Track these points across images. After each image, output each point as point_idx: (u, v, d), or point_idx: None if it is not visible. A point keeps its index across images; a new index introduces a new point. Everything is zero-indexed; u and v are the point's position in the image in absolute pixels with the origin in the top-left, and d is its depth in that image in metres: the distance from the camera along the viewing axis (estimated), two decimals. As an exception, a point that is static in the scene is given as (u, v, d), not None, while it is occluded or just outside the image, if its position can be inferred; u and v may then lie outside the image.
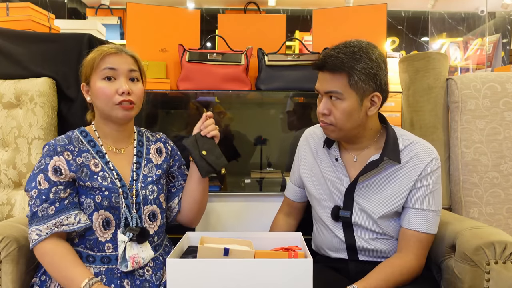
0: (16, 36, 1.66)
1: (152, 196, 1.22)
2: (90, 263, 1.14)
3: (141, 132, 1.32)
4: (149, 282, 1.16)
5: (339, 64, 1.12)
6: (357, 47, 1.15)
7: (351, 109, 1.14)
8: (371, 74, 1.13)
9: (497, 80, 1.55)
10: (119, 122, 1.21)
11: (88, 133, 1.23)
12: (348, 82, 1.13)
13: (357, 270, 1.26)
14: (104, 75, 1.16)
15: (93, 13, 3.93)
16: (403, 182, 1.19)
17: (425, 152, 1.20)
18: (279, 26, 1.95)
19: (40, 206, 1.11)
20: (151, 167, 1.26)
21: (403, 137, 1.23)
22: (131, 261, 1.12)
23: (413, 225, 1.18)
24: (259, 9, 2.66)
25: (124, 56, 1.19)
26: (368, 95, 1.15)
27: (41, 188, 1.12)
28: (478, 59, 4.17)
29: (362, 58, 1.13)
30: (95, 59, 1.17)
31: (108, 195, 1.14)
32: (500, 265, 1.09)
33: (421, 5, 5.13)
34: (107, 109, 1.17)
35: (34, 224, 1.11)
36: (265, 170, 1.97)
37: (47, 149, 1.16)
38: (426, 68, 1.62)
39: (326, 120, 1.18)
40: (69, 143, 1.17)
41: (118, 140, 1.24)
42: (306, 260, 1.00)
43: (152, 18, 1.86)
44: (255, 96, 2.00)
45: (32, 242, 1.10)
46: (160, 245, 1.26)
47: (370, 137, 1.24)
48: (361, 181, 1.23)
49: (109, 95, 1.15)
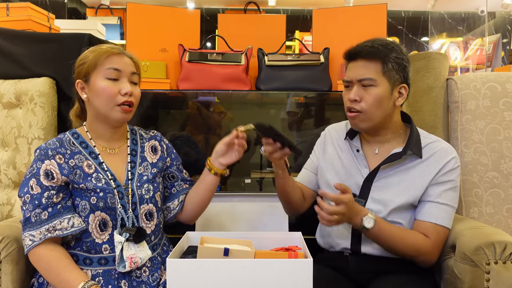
0: (16, 36, 1.66)
1: (148, 195, 1.21)
2: (87, 265, 1.14)
3: (134, 130, 1.31)
4: (146, 284, 1.16)
5: (375, 51, 1.19)
6: (389, 41, 1.23)
7: (382, 96, 1.19)
8: (402, 65, 1.20)
9: (497, 80, 1.55)
10: (115, 124, 1.21)
11: (80, 135, 1.21)
12: (382, 69, 1.19)
13: (357, 269, 1.26)
14: (109, 75, 1.15)
15: (93, 13, 3.93)
16: (422, 176, 1.23)
17: (447, 151, 1.25)
18: (279, 26, 1.95)
19: (33, 212, 1.10)
20: (146, 166, 1.25)
21: (425, 136, 1.28)
22: (128, 261, 1.12)
23: (432, 218, 1.21)
24: (259, 9, 2.66)
25: (126, 58, 1.19)
26: (397, 85, 1.21)
27: (33, 193, 1.11)
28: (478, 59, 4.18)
29: (395, 49, 1.20)
30: (100, 58, 1.16)
31: (103, 196, 1.14)
32: (500, 265, 1.09)
33: (421, 5, 5.13)
34: (106, 109, 1.16)
35: (27, 230, 1.10)
36: (265, 170, 1.97)
37: (39, 153, 1.15)
38: (426, 68, 1.62)
39: (356, 106, 1.21)
40: (60, 146, 1.16)
41: (112, 140, 1.23)
42: (306, 260, 1.00)
43: (152, 18, 1.86)
44: (255, 96, 2.00)
45: (26, 247, 1.10)
46: (158, 244, 1.25)
47: (393, 130, 1.28)
48: (381, 171, 1.26)
49: (112, 95, 1.15)
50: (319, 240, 1.41)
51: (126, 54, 1.20)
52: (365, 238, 1.26)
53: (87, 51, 1.19)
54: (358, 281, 1.26)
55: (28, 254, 1.11)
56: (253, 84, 1.82)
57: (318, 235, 1.42)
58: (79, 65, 1.19)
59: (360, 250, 1.27)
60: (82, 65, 1.18)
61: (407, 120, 1.32)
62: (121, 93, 1.15)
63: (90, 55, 1.17)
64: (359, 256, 1.27)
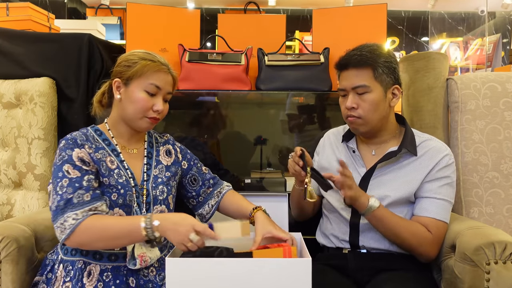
0: (16, 36, 1.66)
1: (162, 197, 1.23)
2: (97, 260, 1.15)
3: (151, 133, 1.34)
4: (152, 283, 1.18)
5: (364, 59, 1.23)
6: (375, 46, 1.27)
7: (378, 100, 1.24)
8: (391, 67, 1.25)
9: (497, 80, 1.55)
10: (138, 130, 1.24)
11: (102, 132, 1.23)
12: (373, 75, 1.23)
13: (357, 267, 1.28)
14: (149, 89, 1.18)
15: (93, 13, 3.92)
16: (417, 172, 1.26)
17: (440, 148, 1.29)
18: (279, 26, 1.95)
19: (76, 193, 1.08)
20: (161, 168, 1.27)
21: (419, 135, 1.33)
22: (139, 259, 1.13)
23: (430, 213, 1.23)
24: (259, 9, 2.66)
25: (169, 77, 1.22)
26: (390, 87, 1.26)
27: (72, 177, 1.09)
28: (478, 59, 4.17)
29: (383, 54, 1.25)
30: (148, 70, 1.17)
31: (123, 193, 1.16)
32: (500, 265, 1.09)
33: (421, 5, 5.13)
34: (135, 117, 1.19)
35: (69, 211, 1.06)
36: (265, 170, 1.97)
37: (66, 143, 1.14)
38: (426, 68, 1.62)
39: (354, 113, 1.25)
40: (86, 140, 1.18)
41: (131, 141, 1.26)
42: (305, 260, 1.00)
43: (152, 18, 1.86)
44: (255, 96, 2.00)
45: (69, 228, 1.05)
46: (166, 246, 1.27)
47: (390, 131, 1.32)
48: (378, 169, 1.29)
49: (145, 108, 1.18)
50: (319, 238, 1.42)
51: (171, 72, 1.23)
52: (363, 232, 1.28)
53: (135, 55, 1.20)
54: (357, 278, 1.27)
55: (71, 235, 1.05)
56: (253, 84, 1.82)
57: (318, 234, 1.43)
58: (123, 65, 1.20)
59: (358, 243, 1.29)
60: (127, 67, 1.19)
61: (401, 122, 1.36)
62: (153, 109, 1.19)
63: (139, 62, 1.18)
64: (358, 254, 1.29)
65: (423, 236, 1.21)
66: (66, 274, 1.13)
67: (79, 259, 1.14)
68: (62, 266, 1.15)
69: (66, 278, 1.12)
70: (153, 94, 1.18)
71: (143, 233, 1.05)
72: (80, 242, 1.08)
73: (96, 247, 1.12)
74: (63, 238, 1.06)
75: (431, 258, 1.25)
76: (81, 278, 1.11)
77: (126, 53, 1.25)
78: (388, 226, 1.22)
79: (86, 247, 1.12)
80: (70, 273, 1.13)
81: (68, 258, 1.16)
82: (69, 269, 1.13)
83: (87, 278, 1.12)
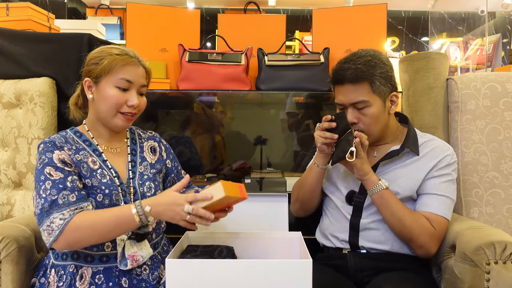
0: (16, 36, 1.66)
1: (150, 193, 1.21)
2: (89, 263, 1.14)
3: (133, 130, 1.32)
4: (146, 282, 1.16)
5: (359, 74, 1.20)
6: (369, 55, 1.24)
7: (378, 112, 1.23)
8: (388, 77, 1.23)
9: (497, 80, 1.55)
10: (114, 129, 1.21)
11: (82, 133, 1.21)
12: (371, 89, 1.21)
13: (356, 267, 1.28)
14: (119, 84, 1.15)
15: (93, 13, 3.92)
16: (419, 170, 1.27)
17: (443, 147, 1.30)
18: (279, 26, 1.95)
19: (60, 194, 1.06)
20: (146, 165, 1.26)
21: (422, 135, 1.34)
22: (130, 259, 1.12)
23: (431, 208, 1.23)
24: (259, 9, 2.66)
25: (140, 69, 1.19)
26: (388, 96, 1.25)
27: (55, 178, 1.08)
28: (478, 59, 4.17)
29: (378, 64, 1.22)
30: (115, 65, 1.14)
31: (109, 193, 1.14)
32: (500, 265, 1.09)
33: (421, 5, 5.12)
34: (109, 115, 1.16)
35: (54, 212, 1.04)
36: (265, 170, 1.97)
37: (44, 146, 1.13)
38: (426, 68, 1.61)
39: (355, 127, 1.24)
40: (65, 142, 1.16)
41: (112, 140, 1.24)
42: (306, 260, 1.00)
43: (152, 18, 1.86)
44: (255, 96, 2.00)
45: (58, 228, 1.02)
46: (159, 243, 1.26)
47: (391, 134, 1.33)
48: (380, 168, 1.29)
49: (118, 104, 1.15)
50: (319, 238, 1.42)
51: (141, 64, 1.19)
52: (362, 232, 1.28)
53: (102, 51, 1.17)
54: (357, 279, 1.27)
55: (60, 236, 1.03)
56: (253, 84, 1.82)
57: (318, 233, 1.43)
58: (91, 63, 1.17)
59: (358, 243, 1.29)
60: (95, 65, 1.16)
61: (404, 121, 1.36)
62: (127, 104, 1.16)
63: (106, 58, 1.15)
64: (357, 254, 1.29)
65: (425, 226, 1.21)
66: (58, 279, 1.12)
67: (71, 263, 1.13)
68: (54, 271, 1.14)
69: (59, 283, 1.11)
70: (125, 89, 1.15)
71: (137, 219, 1.04)
72: (71, 242, 1.05)
73: (88, 244, 1.09)
74: (51, 241, 1.03)
75: (430, 253, 1.24)
76: (74, 282, 1.10)
77: (94, 50, 1.20)
78: (392, 209, 1.22)
79: (76, 246, 1.08)
80: (62, 278, 1.11)
81: (59, 263, 1.14)
82: (61, 274, 1.12)
83: (80, 281, 1.11)
